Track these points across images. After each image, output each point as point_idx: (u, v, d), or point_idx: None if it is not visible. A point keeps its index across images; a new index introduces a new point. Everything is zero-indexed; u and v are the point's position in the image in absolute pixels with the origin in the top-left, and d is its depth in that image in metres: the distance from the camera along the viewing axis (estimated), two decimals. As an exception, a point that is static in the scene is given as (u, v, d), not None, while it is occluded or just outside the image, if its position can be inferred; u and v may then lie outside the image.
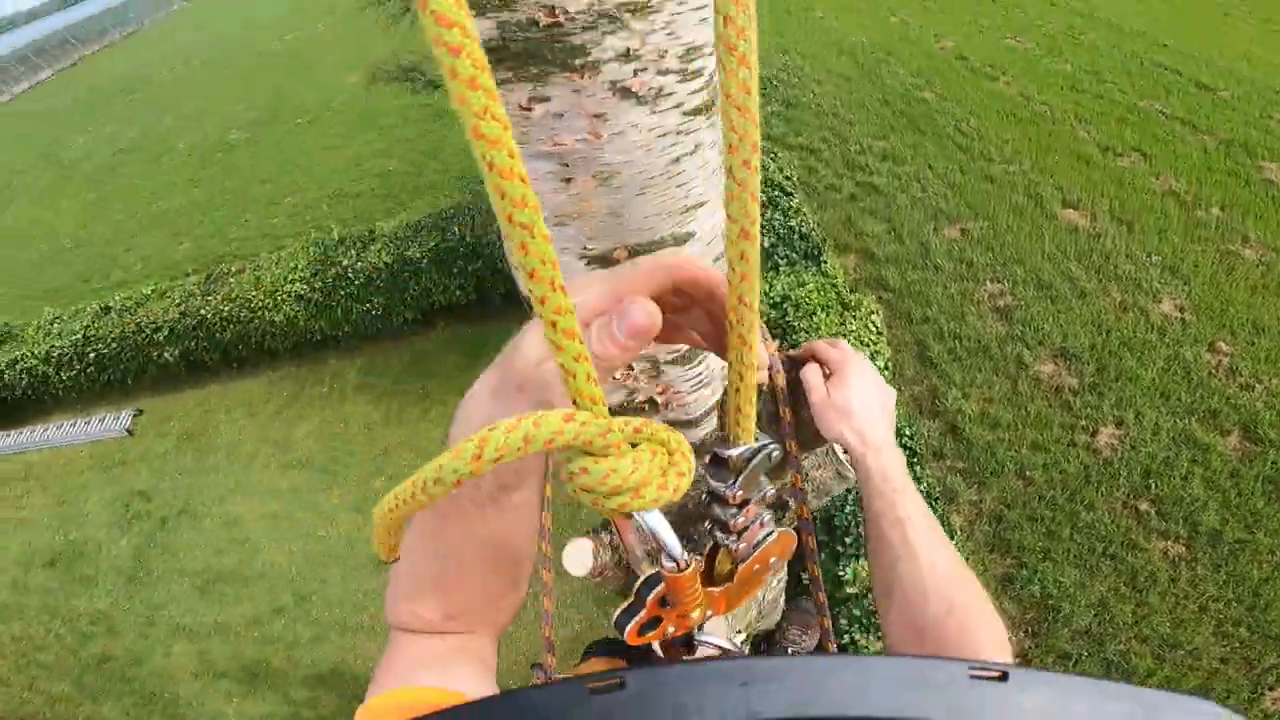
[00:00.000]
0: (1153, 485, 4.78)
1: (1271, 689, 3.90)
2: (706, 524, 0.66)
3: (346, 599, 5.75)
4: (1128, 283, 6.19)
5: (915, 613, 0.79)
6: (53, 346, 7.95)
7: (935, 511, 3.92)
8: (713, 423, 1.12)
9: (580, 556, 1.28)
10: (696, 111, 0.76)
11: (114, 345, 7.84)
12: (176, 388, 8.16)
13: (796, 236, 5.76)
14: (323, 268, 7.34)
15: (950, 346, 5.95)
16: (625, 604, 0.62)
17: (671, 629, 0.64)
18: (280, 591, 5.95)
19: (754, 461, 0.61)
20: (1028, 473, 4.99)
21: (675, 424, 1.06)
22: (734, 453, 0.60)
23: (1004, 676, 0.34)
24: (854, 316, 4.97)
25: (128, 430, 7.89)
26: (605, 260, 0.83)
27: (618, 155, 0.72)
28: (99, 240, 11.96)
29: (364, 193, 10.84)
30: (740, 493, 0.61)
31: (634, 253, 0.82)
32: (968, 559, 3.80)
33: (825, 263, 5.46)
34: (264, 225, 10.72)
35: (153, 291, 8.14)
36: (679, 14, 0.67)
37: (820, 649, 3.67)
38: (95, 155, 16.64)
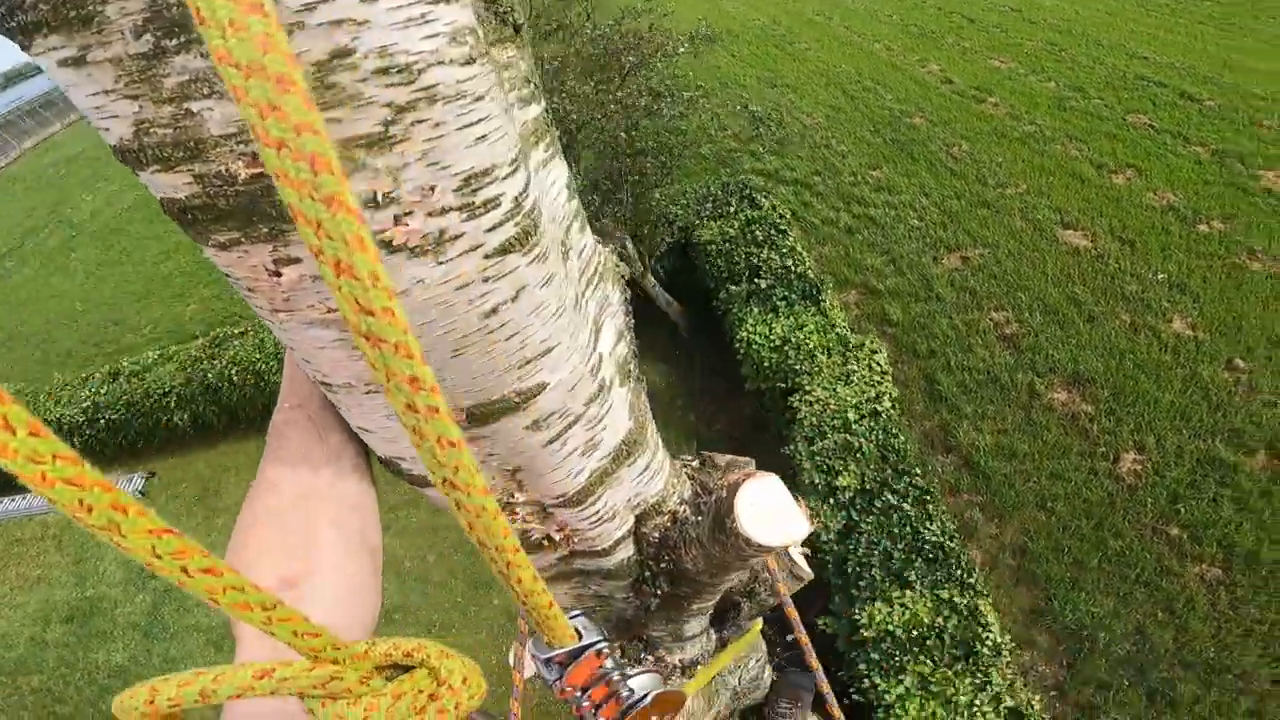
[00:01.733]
0: (1181, 510, 4.71)
1: (1329, 709, 3.78)
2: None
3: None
4: (1136, 303, 6.15)
5: None
6: (63, 414, 8.01)
7: (951, 550, 3.90)
8: (629, 548, 1.05)
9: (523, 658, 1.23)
10: (505, 250, 0.61)
11: (123, 410, 7.91)
12: (186, 450, 8.18)
13: (794, 276, 5.77)
14: None
15: (959, 379, 5.90)
16: None
17: None
18: None
19: (580, 659, 0.61)
20: (1049, 503, 4.92)
21: (586, 554, 1.00)
22: (553, 654, 0.60)
23: None
24: (856, 357, 4.96)
25: (141, 492, 7.93)
26: None
27: (413, 318, 0.59)
28: (108, 302, 12.08)
29: None
30: (569, 688, 0.62)
31: (472, 415, 0.72)
32: (991, 594, 3.79)
33: (824, 301, 5.47)
34: None
35: (160, 356, 8.25)
36: (438, 138, 0.52)
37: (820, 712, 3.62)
38: (102, 214, 16.90)
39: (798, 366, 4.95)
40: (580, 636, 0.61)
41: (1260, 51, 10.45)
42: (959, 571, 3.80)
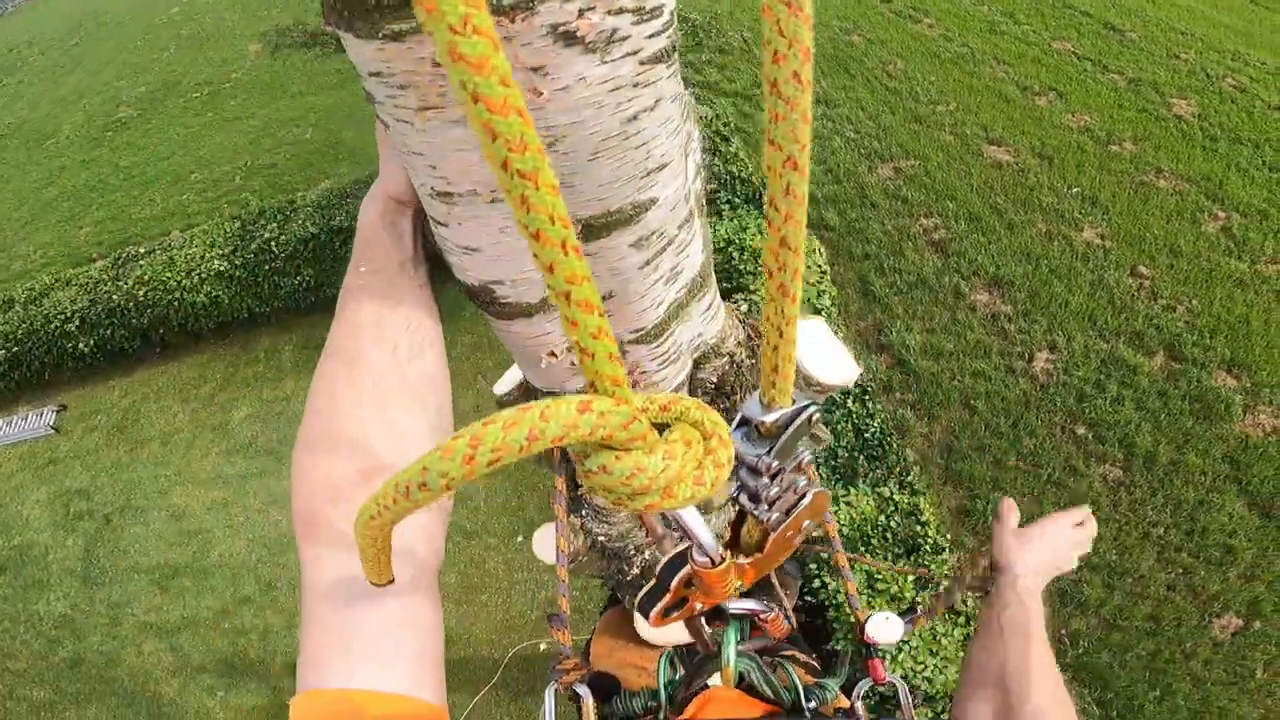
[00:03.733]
0: (1087, 409, 5.02)
1: (1218, 616, 4.09)
2: (733, 489, 0.57)
3: (314, 582, 5.67)
4: (1051, 213, 6.49)
5: (1008, 705, 0.89)
6: (-44, 347, 7.32)
7: (890, 447, 4.07)
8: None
9: (551, 543, 1.18)
10: (656, 59, 0.63)
11: (24, 341, 7.27)
12: (100, 379, 7.64)
13: (737, 181, 5.81)
14: (243, 243, 6.94)
15: (891, 281, 6.14)
16: (646, 587, 0.57)
17: (699, 605, 0.60)
18: (243, 581, 5.79)
19: (791, 428, 0.51)
20: (972, 402, 5.19)
21: None
22: (769, 418, 0.51)
23: None
24: (800, 256, 5.06)
25: (53, 428, 7.38)
26: None
27: (563, 116, 0.59)
28: (-13, 229, 10.96)
29: (279, 163, 10.19)
30: (775, 463, 0.53)
31: (587, 226, 0.71)
32: (925, 492, 3.96)
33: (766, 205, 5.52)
34: (171, 204, 9.97)
35: (56, 280, 7.55)
36: None
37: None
38: (-27, 141, 15.14)
39: (741, 267, 5.03)
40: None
41: None
42: (898, 469, 3.90)
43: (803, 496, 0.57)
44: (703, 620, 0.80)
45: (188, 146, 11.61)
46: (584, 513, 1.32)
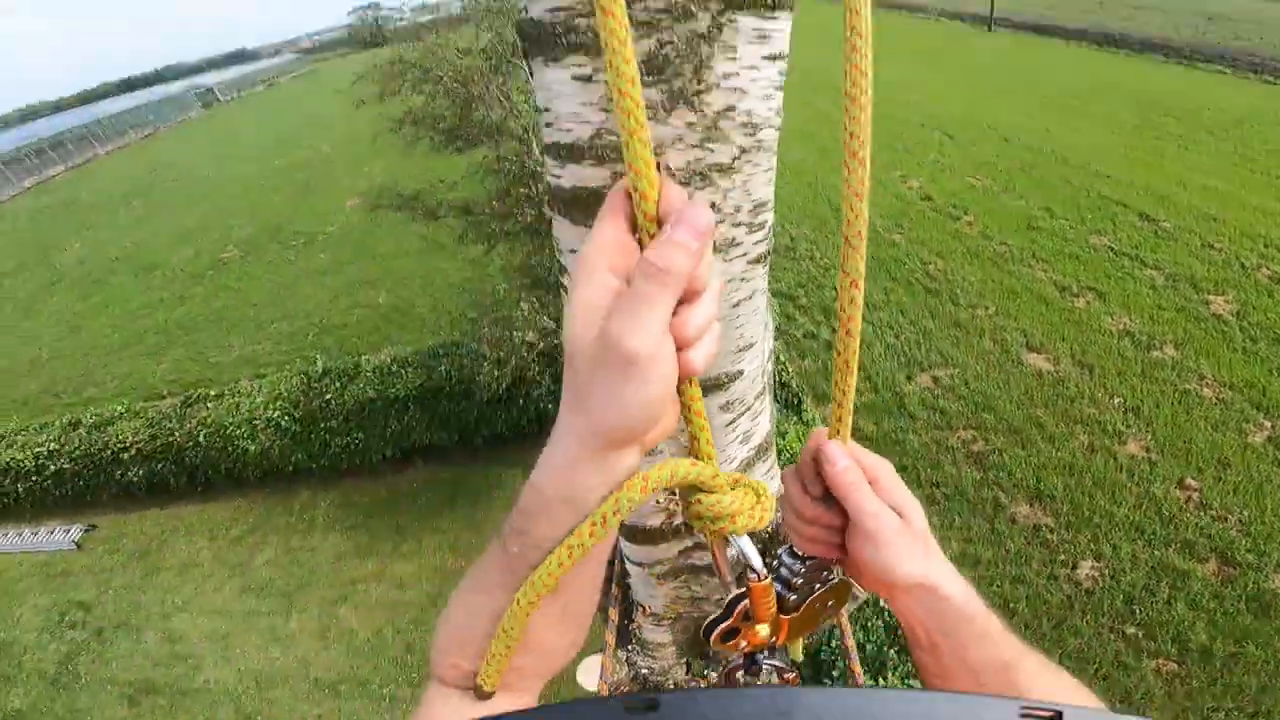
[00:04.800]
0: (1137, 610, 4.85)
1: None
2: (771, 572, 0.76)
3: (295, 720, 5.46)
4: (1093, 425, 6.38)
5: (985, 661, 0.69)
6: (12, 459, 7.74)
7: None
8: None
9: (595, 672, 1.36)
10: (757, 261, 0.84)
11: (79, 462, 7.66)
12: (136, 507, 7.90)
13: (777, 385, 5.90)
14: (305, 398, 7.31)
15: (928, 493, 6.03)
16: (715, 614, 0.75)
17: (744, 644, 0.76)
18: (221, 709, 5.63)
19: (819, 589, 0.73)
20: (1011, 605, 5.03)
21: (707, 547, 1.17)
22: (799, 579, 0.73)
23: (1057, 717, 0.33)
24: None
25: (75, 544, 7.59)
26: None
27: None
28: (78, 353, 11.87)
29: (350, 324, 10.87)
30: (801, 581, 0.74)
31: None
32: None
33: (805, 412, 5.69)
34: (248, 351, 10.67)
35: (126, 410, 8.06)
36: (753, 175, 0.76)
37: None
38: (88, 262, 16.81)
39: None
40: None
41: (1216, 169, 11.24)
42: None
43: (827, 582, 0.73)
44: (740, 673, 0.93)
45: (275, 295, 12.54)
46: (630, 646, 1.39)
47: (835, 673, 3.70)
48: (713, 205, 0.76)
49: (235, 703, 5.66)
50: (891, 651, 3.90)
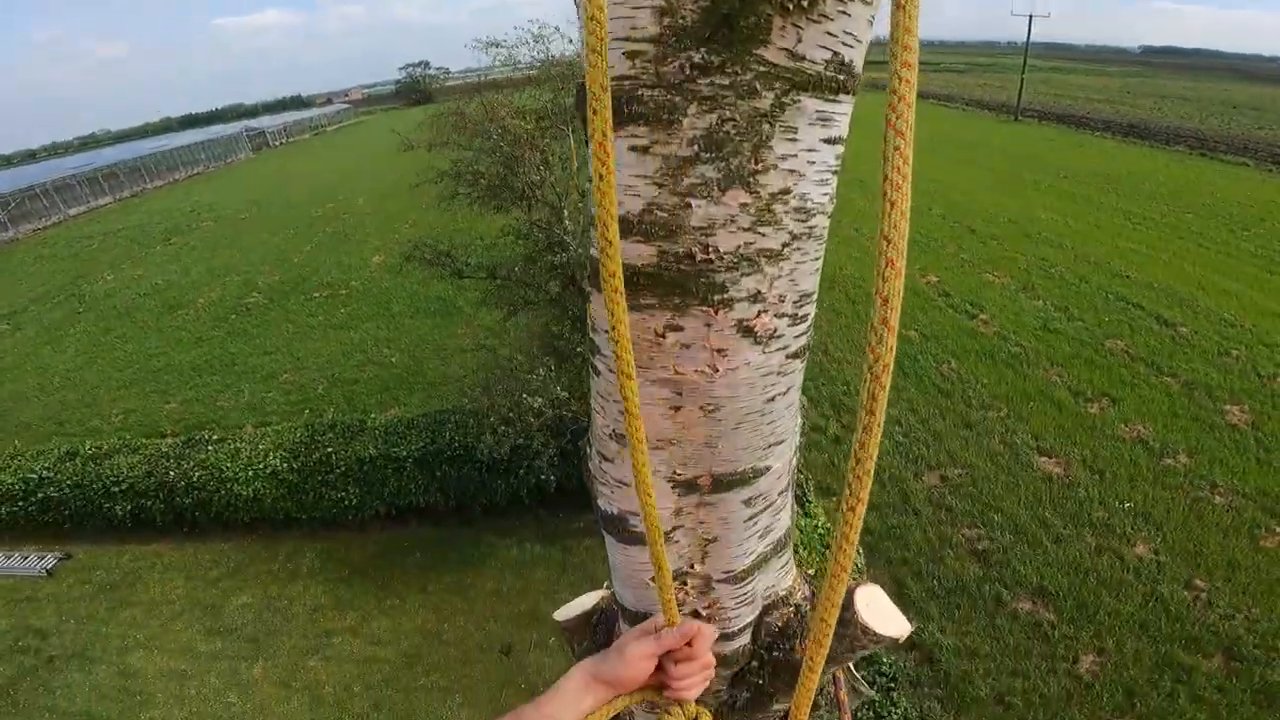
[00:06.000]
0: (1138, 703, 4.74)
1: None
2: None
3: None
4: (1102, 528, 6.28)
5: None
6: (1, 482, 7.69)
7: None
8: (748, 636, 1.20)
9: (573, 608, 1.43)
10: (796, 355, 0.81)
11: (69, 492, 7.57)
12: (116, 540, 7.72)
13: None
14: (306, 450, 7.30)
15: (928, 586, 5.88)
16: None
17: None
18: None
19: None
20: (1007, 698, 4.86)
21: (717, 637, 1.15)
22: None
23: None
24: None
25: (48, 571, 7.39)
26: (691, 485, 0.87)
27: (726, 390, 0.76)
28: (88, 384, 11.94)
29: (361, 380, 10.90)
30: None
31: (717, 480, 0.86)
32: None
33: (809, 504, 5.65)
34: (256, 398, 10.68)
35: (125, 445, 8.03)
36: (801, 263, 0.74)
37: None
38: (116, 296, 17.16)
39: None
40: None
41: (1235, 271, 11.33)
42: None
43: None
44: None
45: (290, 345, 12.65)
46: None
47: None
48: (757, 293, 0.74)
49: (176, 745, 5.35)
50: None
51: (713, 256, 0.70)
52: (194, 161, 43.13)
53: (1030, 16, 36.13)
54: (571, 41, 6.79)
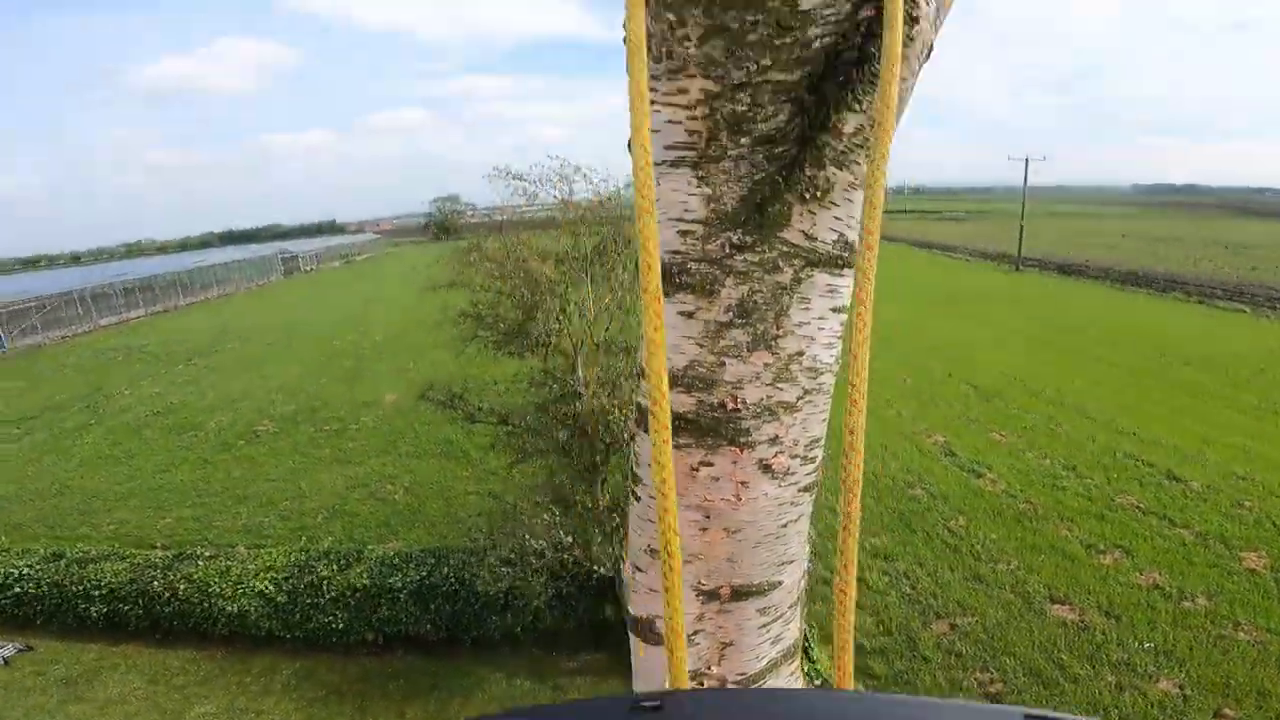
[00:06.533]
0: None
1: None
2: None
3: None
4: (1121, 668, 6.07)
5: None
6: (-22, 573, 7.44)
7: None
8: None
9: None
10: (807, 489, 0.91)
11: (46, 589, 7.39)
12: (83, 638, 7.37)
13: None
14: (298, 573, 7.21)
15: None
16: None
17: None
18: None
19: None
20: None
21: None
22: None
23: None
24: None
25: (4, 660, 7.03)
26: (713, 594, 0.96)
27: (747, 516, 0.86)
28: (85, 494, 11.83)
29: (362, 514, 10.84)
30: None
31: (736, 591, 0.94)
32: None
33: (813, 651, 5.74)
34: (253, 522, 10.57)
35: (114, 552, 7.93)
36: (812, 414, 0.85)
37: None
38: (130, 411, 17.33)
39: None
40: None
41: (1240, 425, 11.35)
42: None
43: None
44: None
45: (293, 475, 12.63)
46: None
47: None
48: (775, 437, 0.86)
49: None
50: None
51: (741, 407, 0.83)
52: (228, 280, 44.55)
53: (1026, 160, 37.65)
54: (593, 183, 7.08)
